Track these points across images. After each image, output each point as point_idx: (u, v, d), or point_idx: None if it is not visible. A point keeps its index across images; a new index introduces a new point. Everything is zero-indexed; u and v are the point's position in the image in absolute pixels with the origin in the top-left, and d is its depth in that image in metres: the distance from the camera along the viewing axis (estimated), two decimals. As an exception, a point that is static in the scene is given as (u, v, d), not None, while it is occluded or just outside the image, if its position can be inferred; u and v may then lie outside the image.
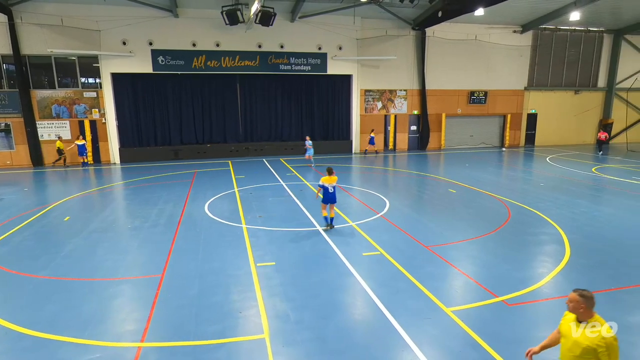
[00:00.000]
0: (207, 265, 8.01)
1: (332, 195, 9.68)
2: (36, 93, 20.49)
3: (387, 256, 8.33)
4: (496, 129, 28.27)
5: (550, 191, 14.19)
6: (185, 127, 23.39)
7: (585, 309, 3.50)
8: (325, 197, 9.68)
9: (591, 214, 11.43)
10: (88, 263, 8.25)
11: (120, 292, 7.00)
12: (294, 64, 23.06)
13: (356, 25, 23.08)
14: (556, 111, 28.39)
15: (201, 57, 21.71)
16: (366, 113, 25.15)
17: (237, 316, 6.13)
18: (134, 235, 9.95)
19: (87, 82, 21.37)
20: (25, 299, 6.75)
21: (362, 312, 6.33)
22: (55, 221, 11.16)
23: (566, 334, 3.61)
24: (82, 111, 21.23)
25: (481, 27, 25.32)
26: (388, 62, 24.50)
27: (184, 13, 21.06)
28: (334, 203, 9.80)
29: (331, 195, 9.66)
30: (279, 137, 25.01)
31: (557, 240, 9.30)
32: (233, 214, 11.60)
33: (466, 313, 6.12)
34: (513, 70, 26.94)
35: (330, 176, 9.71)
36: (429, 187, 15.54)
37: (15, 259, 8.45)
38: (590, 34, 27.80)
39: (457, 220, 10.93)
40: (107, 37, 20.45)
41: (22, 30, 19.52)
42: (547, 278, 7.34)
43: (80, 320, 6.02)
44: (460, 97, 26.49)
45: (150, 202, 13.11)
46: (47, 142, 20.90)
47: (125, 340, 5.53)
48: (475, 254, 8.61)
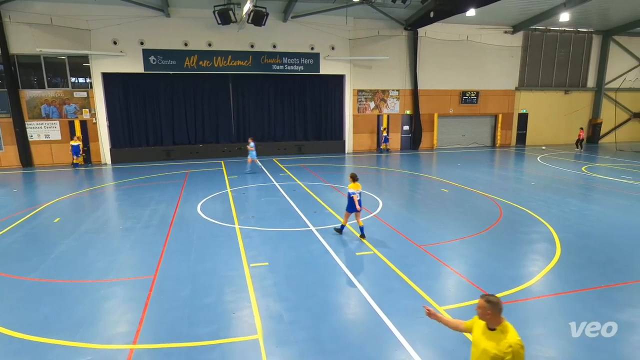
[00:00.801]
0: (200, 266, 7.97)
1: (359, 204, 9.12)
2: (25, 93, 20.21)
3: (381, 256, 8.36)
4: (488, 128, 28.49)
5: (541, 190, 14.34)
6: (177, 127, 23.23)
7: (492, 314, 3.41)
8: (351, 205, 9.10)
9: (581, 212, 11.57)
10: (79, 264, 8.16)
11: (112, 293, 6.93)
12: (287, 64, 23.03)
13: (349, 25, 23.12)
14: (547, 111, 28.70)
15: (193, 57, 21.58)
16: (359, 113, 25.20)
17: (230, 317, 6.11)
18: (125, 236, 9.87)
19: (78, 82, 21.12)
20: (15, 301, 6.66)
21: (356, 311, 6.34)
22: (45, 222, 11.02)
23: (476, 342, 3.54)
24: (73, 111, 20.99)
25: (472, 27, 25.51)
26: (380, 62, 24.57)
27: (175, 12, 20.92)
28: (358, 211, 9.18)
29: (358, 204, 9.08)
30: (272, 137, 24.95)
31: (548, 239, 9.40)
32: (226, 214, 11.55)
33: (459, 311, 6.16)
34: (504, 71, 27.18)
35: (355, 183, 9.14)
36: (422, 187, 15.62)
37: (5, 261, 8.33)
38: (580, 34, 28.14)
39: (450, 220, 11.00)
40: (97, 36, 20.24)
41: (10, 30, 19.24)
42: (538, 276, 7.42)
43: (71, 322, 5.96)
44: (452, 97, 26.66)
45: (142, 202, 13.00)
46: (37, 142, 20.63)
47: (117, 342, 5.48)
48: (467, 253, 8.67)
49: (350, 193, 9.07)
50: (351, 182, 9.23)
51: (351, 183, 9.20)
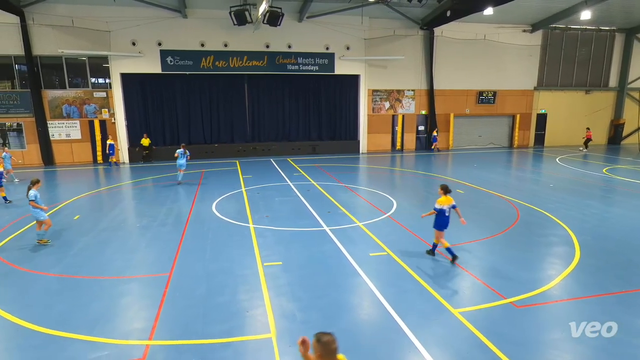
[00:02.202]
0: (215, 264, 8.05)
1: (448, 219, 8.07)
2: (47, 93, 20.76)
3: (394, 256, 8.30)
4: (505, 129, 28.03)
5: (560, 192, 14.03)
6: (193, 127, 23.53)
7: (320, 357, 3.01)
8: (440, 222, 8.02)
9: (602, 215, 11.28)
10: (98, 261, 8.34)
11: (128, 290, 7.06)
12: (302, 64, 23.09)
13: (364, 25, 23.03)
14: (566, 111, 28.07)
15: (209, 57, 21.82)
16: (374, 113, 25.10)
17: (244, 315, 6.15)
18: (142, 234, 10.04)
19: (97, 82, 21.60)
20: (36, 296, 6.84)
21: (369, 312, 6.31)
22: (65, 220, 11.29)
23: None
24: (92, 111, 21.47)
25: (490, 26, 25.13)
26: (396, 62, 24.42)
27: (192, 13, 21.19)
28: (446, 228, 8.14)
29: (447, 219, 8.05)
30: (286, 137, 25.05)
31: (567, 242, 9.20)
32: (240, 213, 11.64)
33: (474, 314, 6.08)
34: (522, 70, 26.70)
35: (446, 196, 8.04)
36: (437, 188, 15.40)
37: (27, 256, 8.57)
38: (602, 33, 27.44)
39: (465, 221, 10.83)
40: (116, 37, 20.66)
41: (33, 32, 19.79)
42: (557, 280, 7.26)
43: (89, 317, 6.09)
44: (468, 97, 26.32)
45: (159, 201, 13.21)
46: (58, 141, 21.16)
47: (133, 338, 5.58)
48: (483, 255, 8.54)
49: (437, 208, 7.96)
50: (442, 195, 8.07)
51: (442, 197, 8.04)
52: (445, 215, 7.97)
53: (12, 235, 9.88)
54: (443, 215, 7.96)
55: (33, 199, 9.07)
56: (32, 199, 9.07)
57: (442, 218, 7.98)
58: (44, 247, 9.12)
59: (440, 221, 8.02)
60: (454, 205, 8.06)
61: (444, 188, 8.10)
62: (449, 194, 8.07)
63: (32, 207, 9.09)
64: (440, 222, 8.03)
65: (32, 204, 9.06)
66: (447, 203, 7.98)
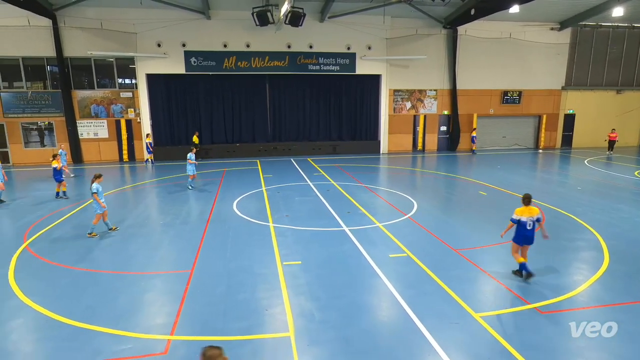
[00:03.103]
0: (235, 262, 8.16)
1: (530, 234, 7.12)
2: (77, 93, 21.47)
3: (414, 258, 8.22)
4: (531, 129, 27.30)
5: (588, 195, 13.58)
6: (215, 126, 23.88)
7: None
8: (519, 236, 7.18)
9: (633, 220, 10.85)
10: (123, 257, 8.58)
11: (151, 286, 7.24)
12: (323, 64, 23.10)
13: (386, 24, 22.86)
14: (595, 112, 27.11)
15: (232, 57, 22.11)
16: (395, 113, 24.89)
17: (263, 314, 6.21)
18: (165, 231, 10.27)
19: (124, 82, 22.20)
20: (64, 289, 7.10)
21: (388, 313, 6.27)
22: (92, 216, 11.62)
23: None
24: (119, 111, 22.08)
25: (516, 24, 24.52)
26: (418, 62, 24.13)
27: (216, 15, 21.51)
28: (530, 244, 7.23)
29: (529, 233, 7.11)
30: (307, 137, 25.12)
31: (595, 247, 8.89)
32: (260, 212, 11.75)
33: (496, 319, 5.96)
34: (549, 69, 25.93)
35: (529, 207, 7.17)
36: (459, 189, 15.20)
37: (56, 251, 8.89)
38: (635, 30, 26.35)
39: (488, 224, 10.63)
40: (143, 39, 21.18)
41: (64, 34, 20.51)
42: (584, 286, 7.03)
43: (114, 311, 6.27)
44: (492, 97, 25.76)
45: (181, 199, 13.48)
46: (86, 140, 21.86)
47: (155, 332, 5.72)
48: (506, 258, 8.34)
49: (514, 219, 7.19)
50: (523, 205, 7.24)
51: (522, 206, 7.21)
52: (526, 228, 7.07)
53: (43, 230, 10.26)
54: (523, 228, 7.10)
55: (95, 192, 9.65)
56: (95, 192, 9.65)
57: (521, 230, 7.13)
58: (71, 242, 9.43)
59: (518, 233, 7.18)
60: (538, 219, 7.14)
61: (526, 198, 7.24)
62: (531, 204, 7.22)
63: (94, 199, 9.67)
64: (518, 235, 7.19)
65: (95, 196, 9.64)
66: (528, 214, 7.10)
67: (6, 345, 5.48)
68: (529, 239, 7.17)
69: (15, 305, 6.49)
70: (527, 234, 7.12)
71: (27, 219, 11.34)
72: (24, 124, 21.27)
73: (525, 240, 7.17)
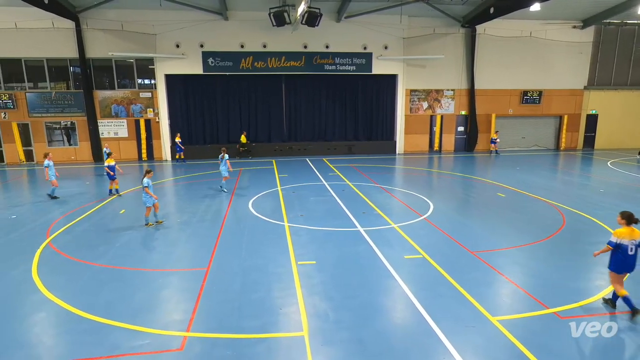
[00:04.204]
0: (250, 261, 8.22)
1: (633, 260, 5.93)
2: (98, 94, 21.98)
3: (430, 260, 8.13)
4: (551, 130, 26.70)
5: (611, 198, 13.20)
6: (232, 126, 24.12)
7: None
8: (619, 262, 5.96)
9: (658, 223, 10.49)
10: (141, 254, 8.75)
11: (168, 283, 7.35)
12: (339, 64, 23.08)
13: (403, 24, 22.69)
14: (619, 112, 26.33)
15: (249, 58, 22.29)
16: (411, 113, 24.68)
17: (277, 313, 6.24)
18: (182, 229, 10.42)
19: (143, 83, 22.62)
20: (84, 284, 7.27)
21: (402, 315, 6.22)
22: (112, 214, 11.92)
23: None
24: (138, 110, 22.51)
25: (536, 23, 24.01)
26: (435, 61, 23.88)
27: (233, 15, 21.72)
28: (631, 272, 6.03)
29: (631, 260, 5.92)
30: (323, 137, 25.13)
31: (618, 251, 8.62)
32: (276, 212, 11.81)
33: (513, 323, 5.84)
34: (571, 69, 25.31)
35: (631, 227, 5.94)
36: (476, 191, 14.98)
37: (77, 247, 9.12)
38: (662, 28, 25.52)
39: (506, 226, 10.45)
40: (162, 40, 21.55)
41: (87, 36, 21.02)
42: (605, 291, 6.83)
43: (132, 307, 6.39)
44: (512, 96, 25.29)
45: (198, 198, 13.65)
46: (107, 139, 22.33)
47: (172, 329, 5.80)
48: (524, 261, 8.19)
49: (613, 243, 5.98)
50: (624, 225, 6.00)
51: (623, 227, 6.00)
52: (627, 254, 5.87)
53: (65, 226, 10.54)
54: (624, 253, 5.87)
55: (146, 186, 10.21)
56: (146, 186, 10.21)
57: (620, 256, 5.91)
58: (91, 239, 9.66)
59: (617, 260, 5.96)
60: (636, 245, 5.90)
61: (627, 216, 5.95)
62: (634, 225, 5.91)
63: (145, 193, 10.23)
64: (617, 262, 5.96)
65: (147, 190, 10.19)
66: (631, 237, 5.90)
67: (30, 338, 5.65)
68: (630, 266, 5.93)
69: (38, 300, 6.68)
70: (629, 261, 5.90)
71: (51, 215, 11.68)
72: (47, 123, 21.90)
73: (625, 267, 5.93)
